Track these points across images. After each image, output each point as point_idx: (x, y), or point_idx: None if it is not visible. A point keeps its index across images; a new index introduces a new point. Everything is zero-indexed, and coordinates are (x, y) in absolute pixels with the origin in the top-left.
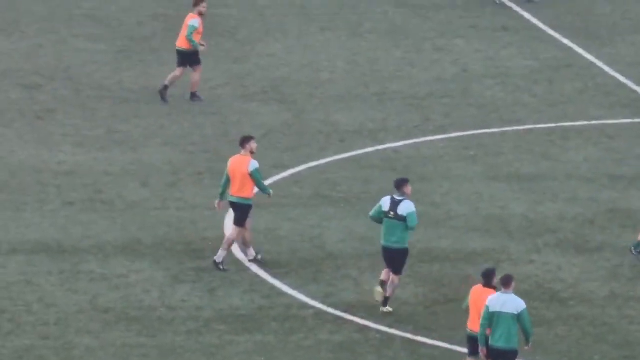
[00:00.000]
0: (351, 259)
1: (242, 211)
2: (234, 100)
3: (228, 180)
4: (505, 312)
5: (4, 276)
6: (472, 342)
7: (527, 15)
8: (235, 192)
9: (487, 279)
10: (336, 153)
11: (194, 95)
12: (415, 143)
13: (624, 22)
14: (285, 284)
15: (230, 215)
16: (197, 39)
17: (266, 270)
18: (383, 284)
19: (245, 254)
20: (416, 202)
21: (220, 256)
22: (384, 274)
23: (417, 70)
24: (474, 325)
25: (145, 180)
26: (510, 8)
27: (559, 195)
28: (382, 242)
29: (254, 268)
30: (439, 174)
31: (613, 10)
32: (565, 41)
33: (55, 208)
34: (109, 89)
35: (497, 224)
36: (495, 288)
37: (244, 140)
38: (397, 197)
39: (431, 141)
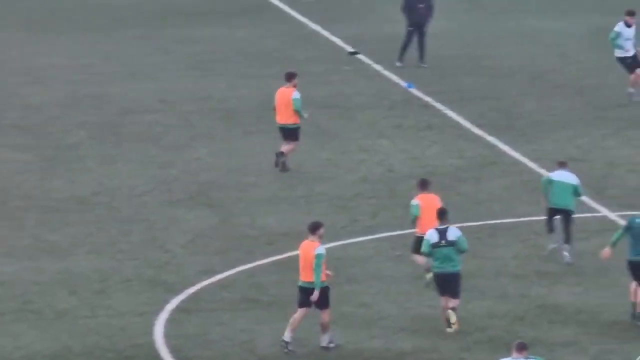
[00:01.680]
0: None
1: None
2: (160, 206)
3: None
4: None
5: None
6: None
7: (451, 113)
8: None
9: None
10: (265, 256)
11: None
12: (343, 244)
13: (548, 118)
14: None
15: None
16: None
17: None
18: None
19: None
20: (346, 303)
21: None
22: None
23: (343, 171)
24: None
25: (74, 289)
26: (434, 107)
27: (488, 292)
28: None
29: None
30: (368, 275)
31: (537, 106)
32: (490, 138)
33: None
34: (37, 198)
35: (427, 323)
36: None
37: (314, 227)
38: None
39: (359, 242)
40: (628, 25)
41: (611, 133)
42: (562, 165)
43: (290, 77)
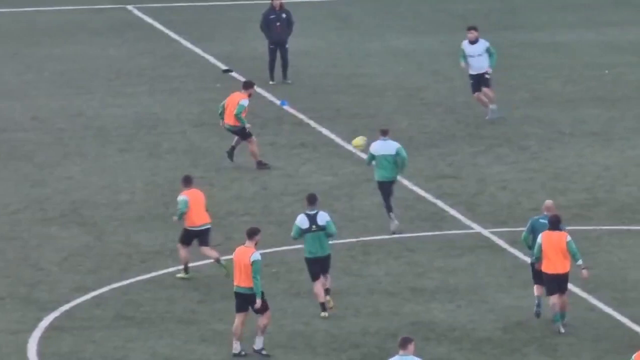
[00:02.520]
0: None
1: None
2: (33, 224)
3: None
4: None
5: None
6: None
7: (324, 130)
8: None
9: None
10: (138, 274)
11: (260, 164)
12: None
13: (420, 135)
14: None
15: None
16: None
17: None
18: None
19: None
20: (220, 320)
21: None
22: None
23: (217, 189)
24: None
25: None
26: (308, 124)
27: (362, 310)
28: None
29: None
30: None
31: (409, 124)
32: (364, 156)
33: None
34: None
35: (301, 340)
36: None
37: (252, 232)
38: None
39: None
40: (470, 42)
41: (482, 150)
42: (384, 133)
43: (247, 85)
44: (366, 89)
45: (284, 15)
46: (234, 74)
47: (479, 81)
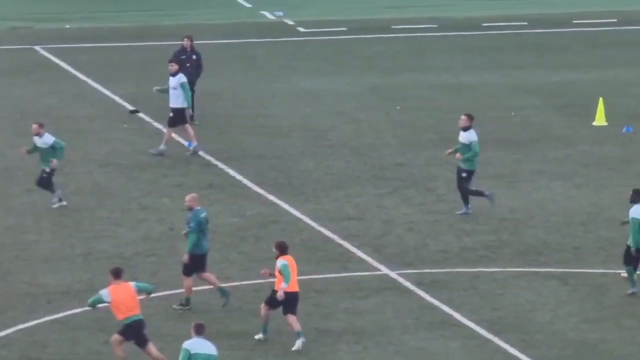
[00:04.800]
0: None
1: None
2: None
3: None
4: None
5: None
6: None
7: (232, 172)
8: None
9: None
10: (44, 315)
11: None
12: None
13: (326, 177)
14: None
15: None
16: None
17: None
18: None
19: None
20: None
21: None
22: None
23: (124, 230)
24: None
25: None
26: (216, 165)
27: (270, 351)
28: None
29: None
30: (147, 333)
31: (315, 165)
32: (271, 197)
33: None
34: None
35: None
36: None
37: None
38: None
39: (140, 300)
40: (171, 74)
41: (388, 192)
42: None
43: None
44: (272, 130)
45: (194, 57)
46: (140, 114)
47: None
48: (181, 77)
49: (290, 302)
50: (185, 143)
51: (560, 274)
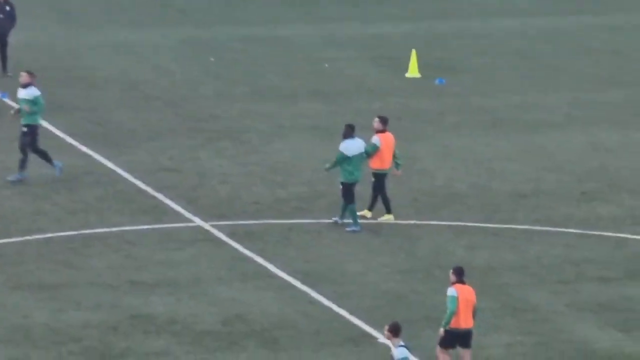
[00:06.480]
0: None
1: None
2: None
3: None
4: None
5: None
6: None
7: (45, 123)
8: None
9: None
10: None
11: None
12: None
13: (141, 128)
14: None
15: None
16: None
17: None
18: None
19: None
20: None
21: None
22: None
23: None
24: None
25: None
26: None
27: (82, 303)
28: None
29: None
30: None
31: (130, 117)
32: (84, 148)
33: None
34: None
35: (21, 334)
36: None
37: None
38: None
39: None
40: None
41: (202, 144)
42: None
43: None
44: (88, 81)
45: (7, 8)
46: None
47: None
48: None
49: None
50: None
51: (372, 225)
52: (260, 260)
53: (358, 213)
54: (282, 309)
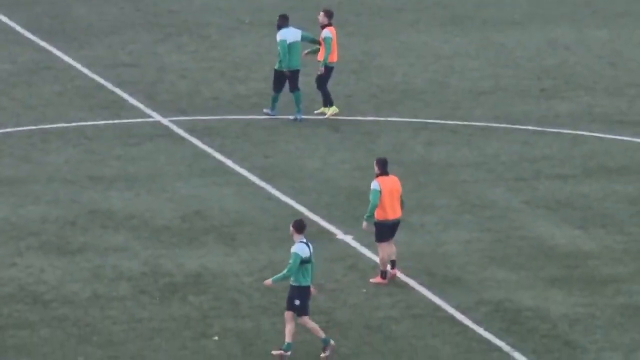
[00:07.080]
0: None
1: None
2: None
3: None
4: None
5: None
6: None
7: (3, 17)
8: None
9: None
10: None
11: None
12: None
13: (100, 23)
14: None
15: None
16: None
17: None
18: None
19: None
20: None
21: None
22: None
23: None
24: None
25: None
26: None
27: (41, 197)
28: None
29: None
30: None
31: (89, 11)
32: (43, 43)
33: None
34: None
35: None
36: None
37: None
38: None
39: None
40: None
41: (162, 39)
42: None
43: None
44: None
45: None
46: None
47: None
48: None
49: None
50: None
51: (331, 121)
52: (218, 155)
53: (316, 111)
54: (241, 205)
